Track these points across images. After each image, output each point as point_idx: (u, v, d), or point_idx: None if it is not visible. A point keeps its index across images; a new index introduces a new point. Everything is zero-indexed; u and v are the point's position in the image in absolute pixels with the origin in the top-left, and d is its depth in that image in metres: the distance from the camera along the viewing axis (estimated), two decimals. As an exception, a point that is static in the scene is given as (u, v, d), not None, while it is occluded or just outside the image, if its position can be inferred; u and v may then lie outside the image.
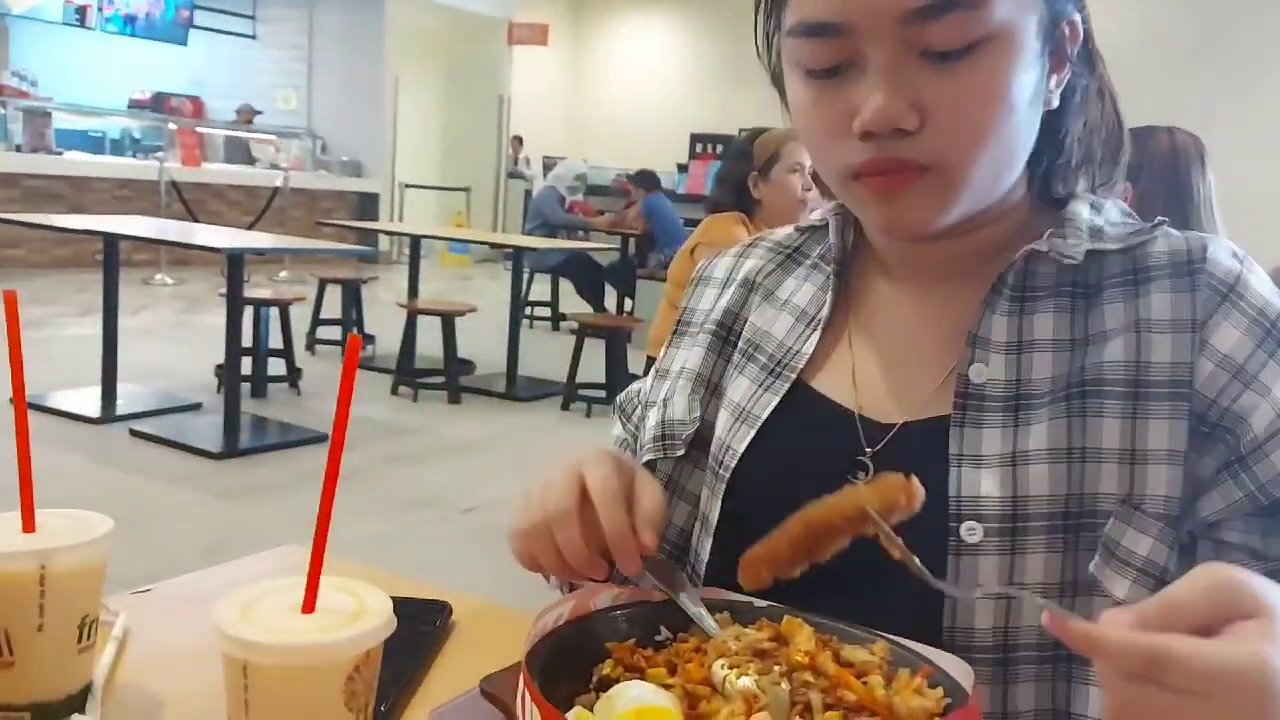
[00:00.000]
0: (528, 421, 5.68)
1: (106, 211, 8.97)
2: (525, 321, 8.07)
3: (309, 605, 0.56)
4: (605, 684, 0.67)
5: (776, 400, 0.88)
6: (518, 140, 14.13)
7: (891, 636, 0.68)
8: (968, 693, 0.62)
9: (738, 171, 3.42)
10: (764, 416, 0.88)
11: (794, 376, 0.89)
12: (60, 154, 10.05)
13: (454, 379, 5.92)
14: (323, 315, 6.73)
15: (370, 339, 6.93)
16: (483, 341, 6.69)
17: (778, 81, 0.85)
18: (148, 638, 0.78)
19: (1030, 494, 0.77)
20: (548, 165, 12.27)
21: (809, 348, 0.90)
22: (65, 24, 11.50)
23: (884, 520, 0.64)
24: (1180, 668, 0.51)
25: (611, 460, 0.77)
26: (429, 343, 6.05)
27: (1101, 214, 0.86)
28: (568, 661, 0.67)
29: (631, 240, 8.89)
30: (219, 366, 5.19)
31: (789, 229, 1.00)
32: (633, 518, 0.75)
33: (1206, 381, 0.76)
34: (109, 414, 4.84)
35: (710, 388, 0.94)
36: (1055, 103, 0.82)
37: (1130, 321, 0.79)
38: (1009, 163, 0.80)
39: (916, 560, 0.64)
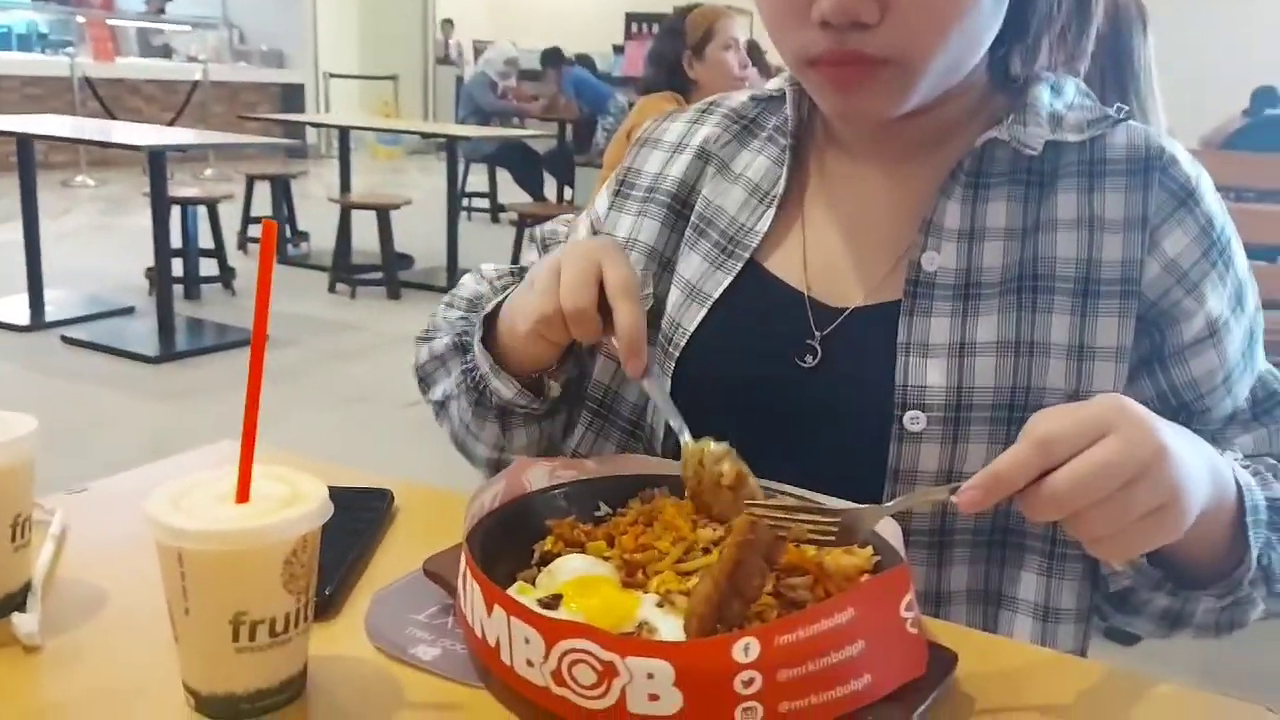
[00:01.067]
0: (470, 314, 5.63)
1: (17, 111, 8.58)
2: (464, 213, 7.94)
3: (243, 493, 0.55)
4: (546, 559, 0.68)
5: (729, 279, 0.87)
6: (448, 24, 13.66)
7: (823, 498, 0.70)
8: (899, 551, 0.64)
9: (670, 50, 3.34)
10: (715, 295, 0.87)
11: (747, 256, 0.88)
12: (-39, 50, 9.56)
13: (392, 274, 5.84)
14: (253, 213, 6.55)
15: (304, 236, 6.78)
16: (421, 235, 6.58)
17: None
18: (86, 535, 0.78)
19: (976, 385, 0.77)
20: (478, 50, 11.90)
21: (763, 226, 0.88)
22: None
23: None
24: (1066, 432, 0.56)
25: (626, 258, 0.76)
26: (365, 238, 5.94)
27: (1061, 96, 0.84)
28: (509, 539, 0.68)
29: (569, 127, 8.71)
30: (150, 269, 5.05)
31: (744, 96, 0.97)
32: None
33: (1151, 282, 0.78)
34: (39, 321, 4.73)
35: (663, 263, 0.92)
36: None
37: (1084, 215, 0.79)
38: (971, 51, 0.78)
39: (815, 507, 0.65)
